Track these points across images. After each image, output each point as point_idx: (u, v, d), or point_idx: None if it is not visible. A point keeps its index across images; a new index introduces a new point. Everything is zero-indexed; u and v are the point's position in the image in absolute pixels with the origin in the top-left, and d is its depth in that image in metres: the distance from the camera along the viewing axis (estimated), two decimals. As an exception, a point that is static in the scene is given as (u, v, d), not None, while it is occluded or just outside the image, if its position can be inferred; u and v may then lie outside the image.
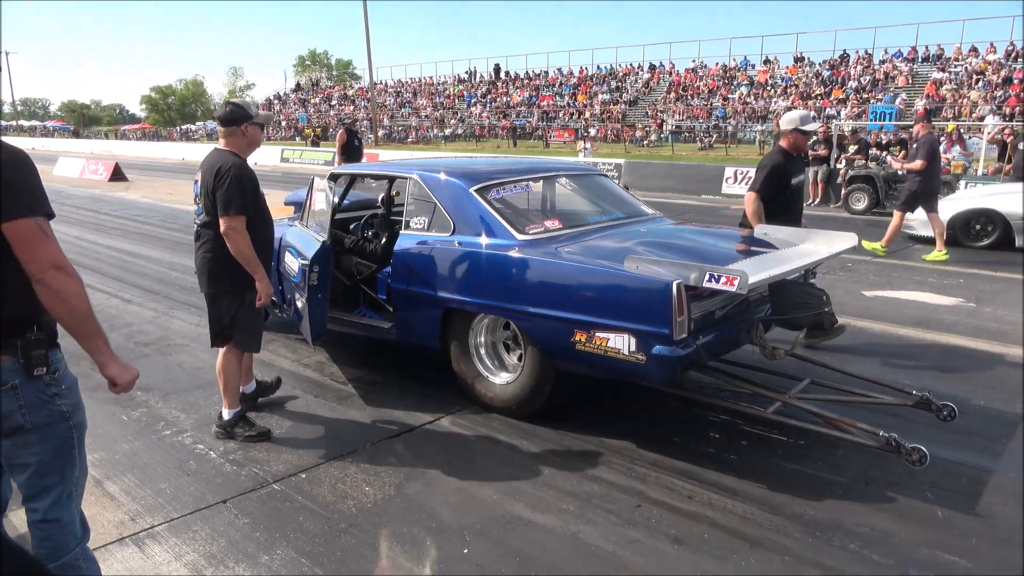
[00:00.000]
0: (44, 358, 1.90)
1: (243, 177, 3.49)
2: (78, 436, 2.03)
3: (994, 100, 25.62)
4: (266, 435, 3.78)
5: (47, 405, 1.93)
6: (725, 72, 37.59)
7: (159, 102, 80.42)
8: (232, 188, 3.44)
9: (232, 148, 3.61)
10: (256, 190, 3.59)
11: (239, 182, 3.46)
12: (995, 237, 9.36)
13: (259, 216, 3.62)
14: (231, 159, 3.54)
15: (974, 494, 3.20)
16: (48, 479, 1.97)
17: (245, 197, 3.48)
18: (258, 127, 3.67)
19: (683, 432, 3.84)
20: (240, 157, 3.60)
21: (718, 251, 3.95)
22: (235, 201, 3.45)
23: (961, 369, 4.83)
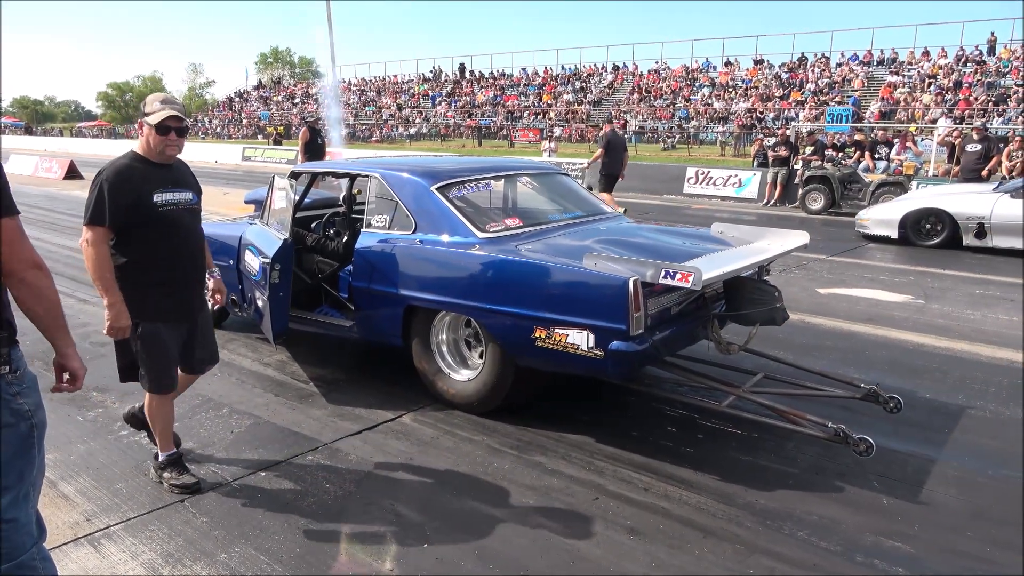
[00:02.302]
0: (7, 357, 1.89)
1: (114, 184, 2.89)
2: (38, 435, 2.01)
3: (945, 103, 26.37)
4: (192, 489, 3.20)
5: (9, 404, 1.91)
6: (687, 73, 38.06)
7: (116, 99, 78.71)
8: (93, 193, 2.91)
9: (138, 148, 3.05)
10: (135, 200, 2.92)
11: (100, 192, 2.89)
12: (944, 236, 9.66)
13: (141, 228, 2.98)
14: (117, 162, 3.00)
15: (918, 483, 3.32)
16: (6, 479, 1.95)
17: (103, 206, 2.88)
18: (151, 127, 2.97)
19: (641, 426, 3.91)
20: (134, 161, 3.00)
21: (675, 249, 4.03)
22: (89, 209, 2.91)
23: (909, 363, 4.99)
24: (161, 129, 2.95)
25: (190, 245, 3.17)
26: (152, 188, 2.96)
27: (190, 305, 3.20)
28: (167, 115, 2.94)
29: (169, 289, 3.08)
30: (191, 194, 3.15)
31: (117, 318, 2.92)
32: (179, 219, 3.07)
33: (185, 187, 3.13)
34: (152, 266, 3.02)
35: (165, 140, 2.97)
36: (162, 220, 3.00)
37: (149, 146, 2.99)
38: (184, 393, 4.37)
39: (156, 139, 2.97)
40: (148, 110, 2.97)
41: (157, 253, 3.02)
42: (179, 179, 3.12)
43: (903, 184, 12.75)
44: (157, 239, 3.01)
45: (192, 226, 3.17)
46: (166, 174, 3.06)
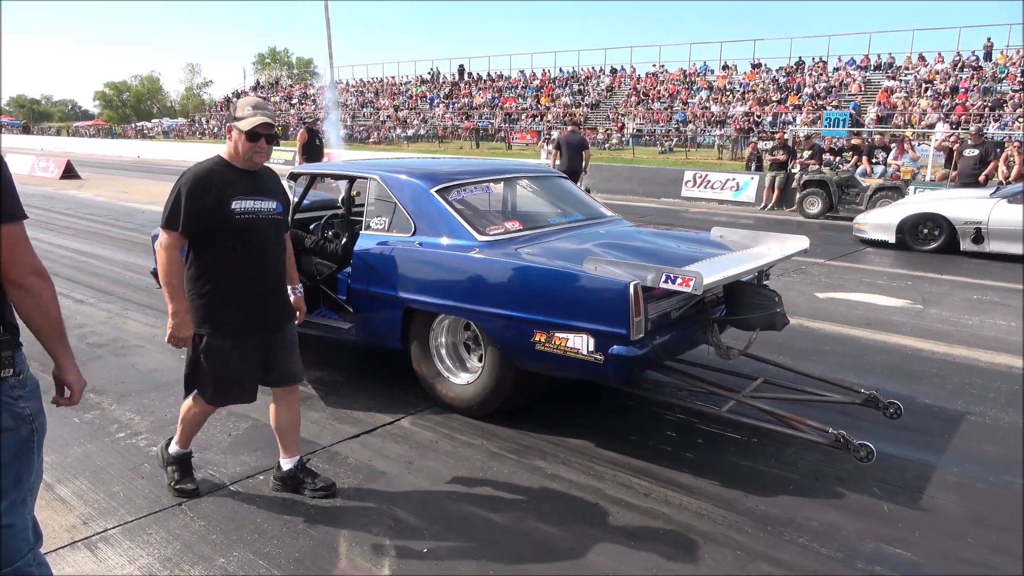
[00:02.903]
0: (11, 360, 1.87)
1: (191, 189, 2.80)
2: (38, 440, 2.00)
3: (942, 108, 26.46)
4: (191, 494, 3.16)
5: (11, 408, 1.89)
6: (685, 77, 38.13)
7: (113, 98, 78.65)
8: (170, 197, 2.84)
9: (225, 154, 2.94)
10: (211, 206, 2.80)
11: (177, 196, 2.82)
12: (941, 241, 9.68)
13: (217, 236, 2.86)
14: (198, 166, 2.91)
15: (918, 489, 3.31)
16: (4, 483, 1.93)
17: (178, 211, 2.80)
18: (241, 133, 2.85)
19: (641, 431, 3.91)
20: (217, 165, 2.90)
21: (675, 253, 4.03)
22: (165, 213, 2.84)
23: (908, 368, 4.99)
24: (252, 136, 2.82)
25: (269, 256, 2.99)
26: (231, 195, 2.82)
27: (265, 319, 3.00)
28: (259, 122, 2.81)
29: (242, 301, 2.91)
30: (274, 204, 2.98)
31: (179, 327, 2.83)
32: (258, 229, 2.90)
33: (268, 196, 2.96)
34: (225, 276, 2.88)
35: (254, 147, 2.84)
36: (239, 229, 2.84)
37: (237, 152, 2.86)
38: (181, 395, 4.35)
39: (245, 146, 2.83)
40: (239, 115, 2.85)
41: (232, 262, 2.88)
42: (263, 188, 2.96)
43: (900, 189, 12.78)
44: (232, 248, 2.86)
45: (272, 237, 3.00)
46: (249, 181, 2.91)
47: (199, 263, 2.88)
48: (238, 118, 2.85)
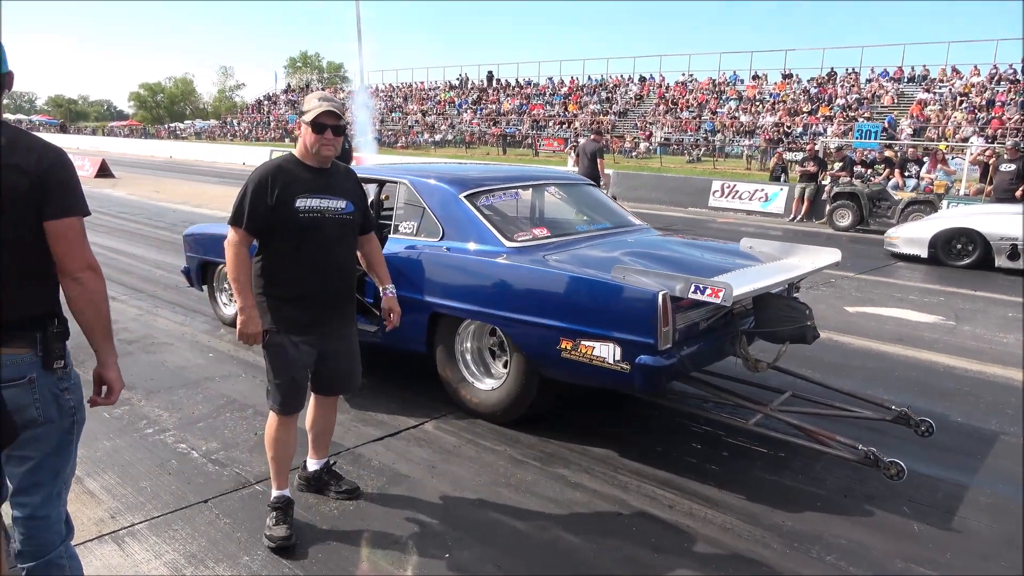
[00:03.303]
0: (61, 352, 1.93)
1: (256, 186, 2.74)
2: (77, 433, 2.04)
3: (977, 122, 26.00)
4: (280, 542, 2.81)
5: (57, 399, 1.94)
6: (714, 86, 37.89)
7: (148, 99, 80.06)
8: (238, 194, 2.79)
9: (295, 150, 2.88)
10: (275, 203, 2.72)
11: (243, 193, 2.77)
12: (975, 256, 9.50)
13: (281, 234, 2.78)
14: (267, 163, 2.86)
15: (950, 509, 3.24)
16: (42, 474, 1.97)
17: (242, 208, 2.75)
18: (308, 126, 2.77)
19: (666, 442, 3.87)
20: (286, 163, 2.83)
21: (704, 263, 3.99)
22: (233, 209, 2.79)
23: (940, 386, 4.90)
24: (316, 127, 2.73)
25: (336, 257, 2.88)
26: (296, 192, 2.74)
27: (329, 322, 2.91)
28: (323, 110, 2.72)
29: (305, 302, 2.82)
30: (344, 203, 2.86)
31: (247, 324, 2.73)
32: (323, 228, 2.80)
33: (338, 195, 2.85)
34: (288, 275, 2.81)
35: (320, 139, 2.75)
36: (303, 227, 2.76)
37: (305, 147, 2.79)
38: (209, 393, 4.44)
39: (311, 138, 2.75)
40: (305, 108, 2.78)
41: (296, 261, 2.79)
42: (333, 186, 2.85)
43: (933, 203, 12.57)
44: (296, 247, 2.78)
45: (340, 237, 2.89)
46: (317, 179, 2.82)
47: (264, 260, 2.82)
48: (304, 111, 2.78)
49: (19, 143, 1.80)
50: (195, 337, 5.62)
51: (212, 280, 5.88)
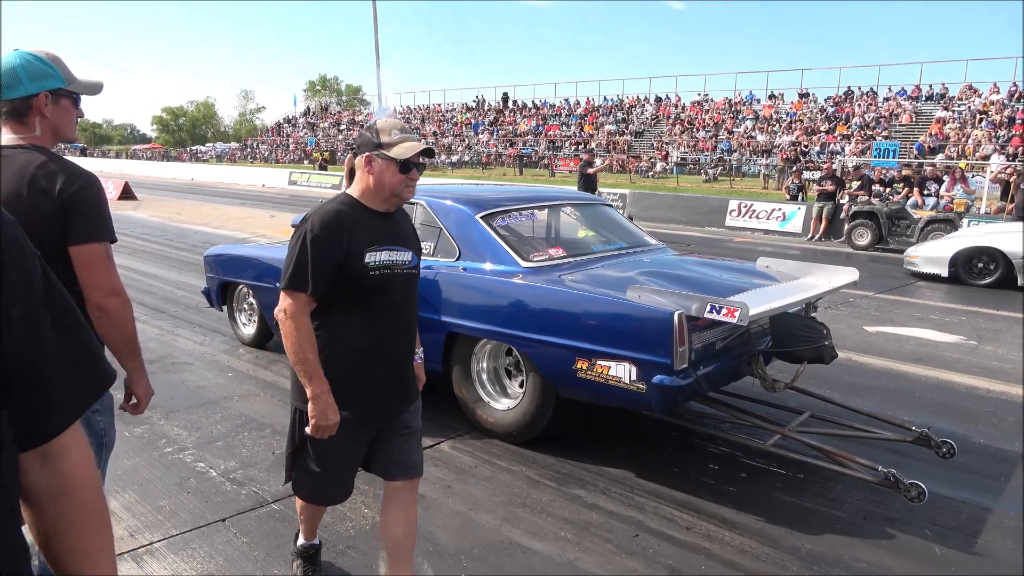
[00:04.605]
0: None
1: (319, 238, 2.19)
2: (105, 455, 2.08)
3: (997, 140, 25.79)
4: None
5: (88, 421, 1.98)
6: (730, 106, 37.94)
7: (170, 123, 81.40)
8: (293, 251, 2.22)
9: (353, 191, 2.33)
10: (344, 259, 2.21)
11: (302, 248, 2.20)
12: (997, 275, 9.39)
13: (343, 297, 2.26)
14: (325, 208, 2.27)
15: (973, 532, 3.19)
16: None
17: (304, 266, 2.19)
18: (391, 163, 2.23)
19: (682, 462, 3.85)
20: (348, 207, 2.28)
21: (720, 283, 3.99)
22: (288, 270, 2.22)
23: (961, 406, 4.83)
24: (406, 167, 2.24)
25: (403, 320, 2.41)
26: (365, 245, 2.23)
27: (389, 401, 2.41)
28: (421, 148, 2.25)
29: (367, 375, 2.33)
30: (410, 254, 2.38)
31: (324, 413, 2.20)
32: (392, 287, 2.32)
33: (404, 244, 2.36)
34: (349, 344, 2.29)
35: (406, 180, 2.26)
36: (372, 287, 2.26)
37: (379, 186, 2.26)
38: (227, 412, 4.47)
39: (396, 179, 2.24)
40: (386, 140, 2.24)
41: (359, 328, 2.30)
42: (399, 233, 2.37)
43: (953, 221, 12.46)
44: (361, 311, 2.29)
45: (408, 297, 2.42)
46: (385, 226, 2.32)
47: (319, 327, 2.27)
48: (382, 144, 2.24)
49: (47, 167, 1.84)
50: (214, 357, 5.68)
51: (232, 300, 5.95)
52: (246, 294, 5.80)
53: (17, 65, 1.86)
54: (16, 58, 1.87)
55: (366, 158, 2.26)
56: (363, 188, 2.30)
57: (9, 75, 1.86)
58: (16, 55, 1.88)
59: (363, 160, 2.26)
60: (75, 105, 1.97)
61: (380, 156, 2.24)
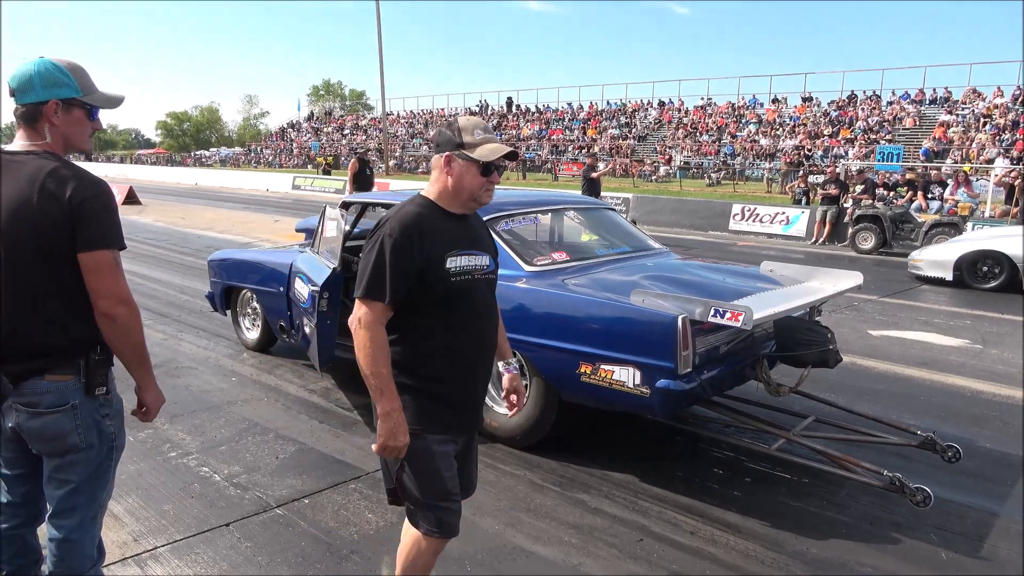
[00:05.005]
0: (104, 378, 1.97)
1: (399, 243, 2.04)
2: (115, 459, 2.09)
3: (1001, 143, 25.74)
4: None
5: (98, 426, 1.99)
6: (734, 110, 37.92)
7: (174, 128, 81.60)
8: (370, 257, 2.08)
9: (428, 192, 2.20)
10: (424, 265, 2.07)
11: (380, 254, 2.05)
12: (1002, 279, 9.36)
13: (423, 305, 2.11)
14: (403, 211, 2.13)
15: (979, 537, 3.18)
16: (79, 498, 2.01)
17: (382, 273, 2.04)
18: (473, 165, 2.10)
19: (687, 467, 3.84)
20: (426, 210, 2.15)
21: (724, 287, 3.98)
22: (365, 278, 2.07)
23: (966, 411, 4.81)
24: (487, 169, 2.12)
25: (486, 329, 2.27)
26: (445, 249, 2.10)
27: (476, 414, 2.31)
28: (505, 151, 2.13)
29: (451, 391, 2.17)
30: (487, 258, 2.24)
31: (394, 433, 2.05)
32: (474, 293, 2.19)
33: (482, 248, 2.23)
34: (431, 357, 2.14)
35: (487, 183, 2.15)
36: (454, 294, 2.13)
37: (458, 188, 2.13)
38: (231, 417, 4.48)
39: (476, 181, 2.12)
40: (468, 139, 2.11)
41: (443, 339, 2.15)
42: (476, 237, 2.23)
43: (958, 225, 12.43)
44: (444, 320, 2.14)
45: (488, 303, 2.27)
46: (462, 229, 2.19)
47: (398, 341, 2.12)
48: (464, 144, 2.11)
49: (58, 173, 1.85)
50: (218, 361, 5.68)
51: (235, 305, 5.96)
52: (250, 298, 5.81)
53: (34, 72, 1.88)
54: (35, 65, 1.89)
55: (446, 158, 2.12)
56: (440, 189, 2.16)
57: (25, 80, 1.88)
58: (36, 62, 1.90)
59: (442, 160, 2.13)
60: (89, 117, 1.98)
61: (461, 156, 2.11)
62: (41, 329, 1.89)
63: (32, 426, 1.91)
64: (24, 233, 1.83)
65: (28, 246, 1.84)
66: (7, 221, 1.83)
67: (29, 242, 1.84)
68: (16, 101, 1.90)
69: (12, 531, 2.08)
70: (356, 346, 2.05)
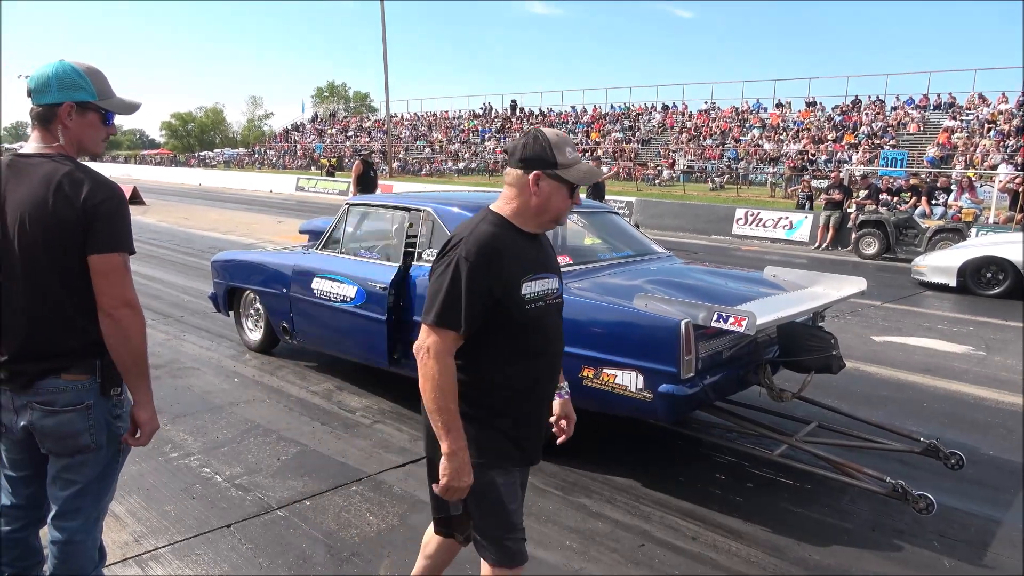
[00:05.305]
0: (119, 378, 1.98)
1: (476, 267, 1.86)
2: (121, 460, 2.09)
3: (1005, 149, 25.69)
4: None
5: (109, 426, 2.00)
6: (737, 114, 37.92)
7: (179, 128, 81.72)
8: (443, 280, 1.89)
9: (502, 209, 2.00)
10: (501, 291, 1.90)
11: (454, 278, 1.87)
12: (1006, 285, 9.34)
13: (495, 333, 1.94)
14: (478, 230, 1.93)
15: (981, 544, 3.17)
16: (84, 499, 2.02)
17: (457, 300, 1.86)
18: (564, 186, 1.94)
19: (689, 472, 3.83)
20: (501, 229, 1.94)
21: (727, 291, 3.98)
22: (437, 303, 1.88)
23: (970, 417, 4.80)
24: (572, 187, 1.96)
25: (554, 355, 2.12)
26: (521, 273, 1.94)
27: (537, 442, 2.12)
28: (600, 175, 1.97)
29: (519, 424, 2.03)
30: (557, 280, 2.10)
31: (459, 473, 1.89)
32: (547, 319, 2.05)
33: (552, 269, 2.09)
34: (500, 389, 1.99)
35: (572, 203, 1.99)
36: (527, 321, 1.97)
37: (543, 208, 1.96)
38: (233, 418, 4.48)
39: (564, 203, 1.97)
40: (561, 159, 1.92)
41: (513, 370, 1.99)
42: (546, 257, 2.08)
43: (962, 231, 12.41)
44: (515, 349, 1.98)
45: (558, 329, 2.14)
46: (535, 249, 2.03)
47: (464, 371, 1.94)
48: (560, 164, 1.92)
49: (73, 176, 1.86)
50: (221, 362, 5.69)
51: (238, 306, 5.96)
52: (253, 300, 5.81)
53: (51, 74, 1.89)
54: (54, 67, 1.90)
55: (535, 176, 1.93)
56: (520, 207, 1.97)
57: (43, 82, 1.89)
58: (55, 64, 1.91)
59: (530, 178, 1.92)
60: (104, 122, 1.99)
61: (554, 177, 1.93)
62: (58, 329, 1.91)
63: (46, 424, 1.92)
64: (39, 235, 1.85)
65: (42, 248, 1.85)
66: (23, 223, 1.84)
67: (43, 244, 1.85)
68: (32, 101, 1.91)
69: (15, 534, 2.08)
70: (422, 376, 1.89)
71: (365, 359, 4.81)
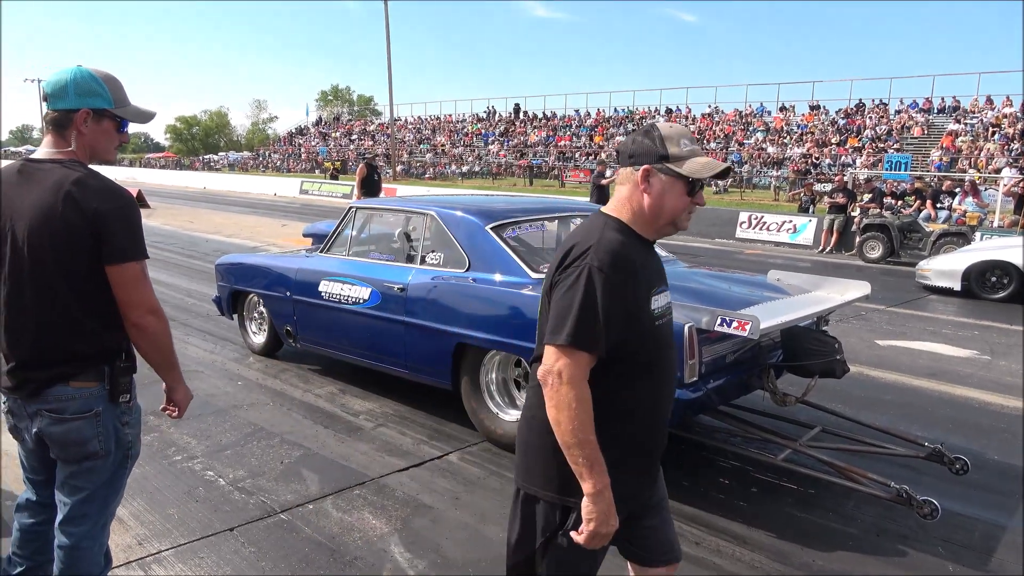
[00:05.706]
0: (128, 385, 1.99)
1: (612, 279, 1.63)
2: (129, 466, 2.10)
3: (1010, 153, 25.64)
4: None
5: (117, 433, 2.01)
6: (741, 118, 37.91)
7: (183, 132, 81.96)
8: (574, 295, 1.63)
9: (620, 213, 1.77)
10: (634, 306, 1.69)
11: (588, 291, 1.62)
12: (1011, 289, 9.32)
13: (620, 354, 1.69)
14: (605, 237, 1.69)
15: (987, 550, 3.15)
16: (92, 505, 2.02)
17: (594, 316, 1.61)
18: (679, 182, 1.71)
19: (692, 476, 3.82)
20: (626, 236, 1.72)
21: (731, 295, 3.97)
22: (570, 321, 1.62)
23: (975, 422, 4.78)
24: (692, 186, 1.74)
25: (671, 374, 1.89)
26: (650, 287, 1.75)
27: (653, 483, 1.95)
28: (719, 168, 1.74)
29: (640, 453, 1.83)
30: (669, 294, 1.88)
31: (604, 517, 1.64)
32: (668, 337, 1.85)
33: (666, 282, 1.88)
34: (622, 417, 1.74)
35: (692, 204, 1.77)
36: (654, 338, 1.77)
37: (657, 209, 1.74)
38: (236, 421, 4.48)
39: (681, 202, 1.74)
40: (674, 151, 1.71)
41: (635, 395, 1.77)
42: (662, 268, 1.89)
43: (966, 235, 12.38)
44: (643, 370, 1.76)
45: (672, 347, 1.90)
46: (655, 260, 1.84)
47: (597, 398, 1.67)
48: (672, 156, 1.71)
49: (83, 182, 1.86)
50: (224, 365, 5.70)
51: (242, 309, 5.97)
52: (256, 303, 5.82)
53: (69, 79, 1.90)
54: (71, 73, 1.91)
55: (644, 171, 1.71)
56: (634, 210, 1.75)
57: (59, 87, 1.90)
58: (73, 70, 1.92)
59: (638, 174, 1.72)
60: (118, 129, 2.00)
61: (665, 171, 1.71)
62: (66, 333, 1.92)
63: (55, 431, 1.94)
64: (48, 240, 1.85)
65: (51, 253, 1.86)
66: (32, 228, 1.85)
67: (52, 249, 1.86)
68: (48, 106, 1.92)
69: (37, 527, 2.12)
70: (554, 406, 1.63)
71: (375, 361, 4.79)
